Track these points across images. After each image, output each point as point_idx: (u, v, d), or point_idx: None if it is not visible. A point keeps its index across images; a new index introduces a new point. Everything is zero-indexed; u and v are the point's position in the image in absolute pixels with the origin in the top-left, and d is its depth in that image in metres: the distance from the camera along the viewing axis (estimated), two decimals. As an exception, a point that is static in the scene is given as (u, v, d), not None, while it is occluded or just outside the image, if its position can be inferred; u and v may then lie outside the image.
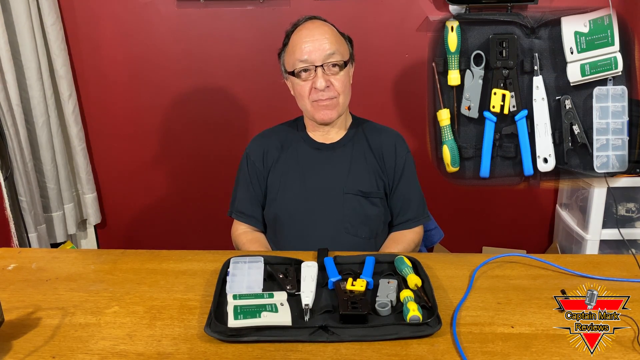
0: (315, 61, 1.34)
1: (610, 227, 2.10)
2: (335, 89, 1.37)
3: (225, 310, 1.01)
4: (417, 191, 1.50)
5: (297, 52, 1.35)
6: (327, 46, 1.34)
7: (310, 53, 1.34)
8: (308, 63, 1.35)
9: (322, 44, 1.34)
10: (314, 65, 1.34)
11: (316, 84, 1.35)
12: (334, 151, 1.45)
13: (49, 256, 1.31)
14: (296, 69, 1.36)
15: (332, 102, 1.37)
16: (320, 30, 1.36)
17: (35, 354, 0.92)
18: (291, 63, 1.38)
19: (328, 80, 1.35)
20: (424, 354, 0.91)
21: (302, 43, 1.35)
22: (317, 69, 1.34)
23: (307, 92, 1.37)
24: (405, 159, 1.48)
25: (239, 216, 1.50)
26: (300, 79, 1.37)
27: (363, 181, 1.43)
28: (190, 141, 2.41)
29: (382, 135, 1.49)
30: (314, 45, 1.34)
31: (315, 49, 1.34)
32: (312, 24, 1.38)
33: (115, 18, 2.25)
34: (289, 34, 1.41)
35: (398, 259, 1.16)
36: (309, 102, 1.38)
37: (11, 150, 2.03)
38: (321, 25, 1.38)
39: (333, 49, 1.35)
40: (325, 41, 1.34)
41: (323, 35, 1.35)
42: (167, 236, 2.54)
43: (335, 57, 1.35)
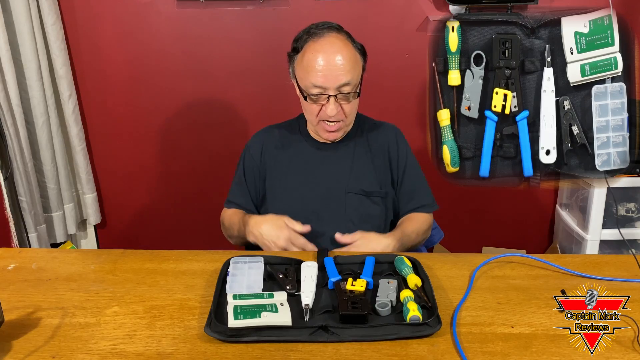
0: (329, 89, 1.31)
1: (610, 227, 2.10)
2: (343, 114, 1.36)
3: (225, 310, 1.01)
4: (423, 180, 1.52)
5: (311, 74, 1.31)
6: (343, 75, 1.30)
7: (326, 80, 1.30)
8: (322, 90, 1.31)
9: (338, 72, 1.30)
10: (327, 93, 1.32)
11: (326, 110, 1.33)
12: (336, 150, 1.46)
13: (49, 256, 1.31)
14: (309, 92, 1.33)
15: (339, 125, 1.38)
16: (339, 54, 1.30)
17: (35, 354, 0.92)
18: (304, 83, 1.34)
19: (338, 106, 1.34)
20: (424, 354, 0.90)
21: (318, 66, 1.30)
22: (330, 97, 1.32)
23: (316, 112, 1.36)
24: (406, 150, 1.50)
25: (229, 205, 1.53)
26: (311, 102, 1.35)
27: (365, 180, 1.44)
28: (190, 141, 2.41)
29: (381, 130, 1.50)
30: (331, 71, 1.29)
31: (331, 76, 1.29)
32: (331, 44, 1.31)
33: (115, 18, 2.25)
34: (302, 40, 1.35)
35: (398, 259, 1.17)
36: (316, 120, 1.38)
37: (11, 150, 2.03)
38: (341, 47, 1.31)
39: (348, 79, 1.31)
40: (341, 68, 1.30)
41: (340, 61, 1.30)
42: (167, 236, 2.54)
43: (348, 87, 1.32)
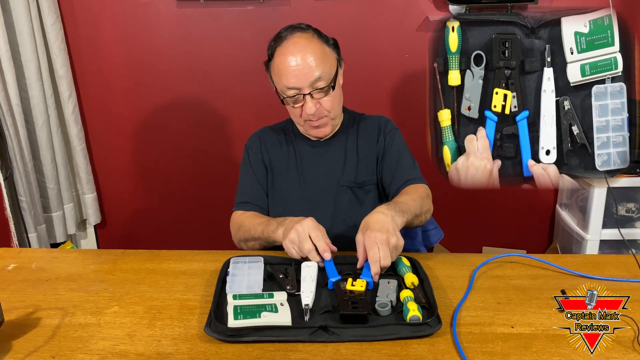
0: (303, 89, 1.33)
1: (610, 227, 2.10)
2: (324, 110, 1.37)
3: (225, 310, 1.01)
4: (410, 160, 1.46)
5: (283, 77, 1.33)
6: (313, 71, 1.31)
7: (297, 80, 1.32)
8: (296, 90, 1.33)
9: (307, 70, 1.31)
10: (302, 92, 1.33)
11: (305, 109, 1.35)
12: (329, 146, 1.48)
13: (48, 256, 1.31)
14: (285, 96, 1.36)
15: (323, 121, 1.39)
16: (304, 51, 1.32)
17: (35, 354, 0.92)
18: (279, 87, 1.37)
19: (317, 102, 1.35)
20: (424, 354, 0.90)
21: (288, 68, 1.32)
22: (305, 96, 1.33)
23: (299, 114, 1.38)
24: (393, 133, 1.47)
25: (244, 206, 1.45)
26: (290, 105, 1.38)
27: (357, 171, 1.46)
28: (190, 141, 2.41)
29: (370, 121, 1.51)
30: (300, 71, 1.31)
31: (302, 74, 1.31)
32: (295, 44, 1.33)
33: (115, 18, 2.25)
34: (271, 47, 1.38)
35: (398, 258, 1.16)
36: (301, 121, 1.40)
37: (11, 150, 2.03)
38: (305, 45, 1.32)
39: (319, 73, 1.31)
40: (310, 65, 1.31)
41: (308, 59, 1.31)
42: (167, 236, 2.54)
43: (322, 82, 1.33)
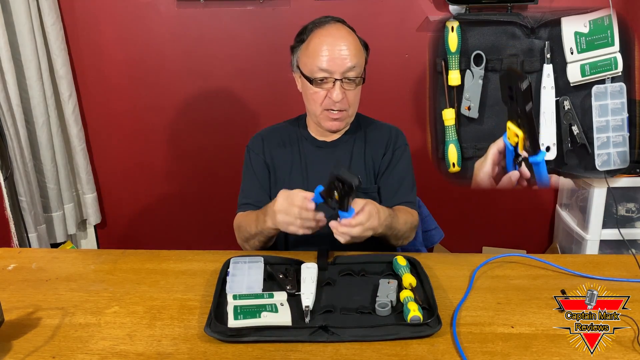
0: (335, 73, 1.31)
1: (610, 227, 2.10)
2: (347, 102, 1.36)
3: (225, 311, 1.01)
4: (410, 182, 1.48)
5: (317, 58, 1.32)
6: (348, 59, 1.31)
7: (332, 64, 1.30)
8: (328, 73, 1.31)
9: (344, 56, 1.31)
10: (333, 77, 1.32)
11: (332, 95, 1.33)
12: (335, 149, 1.46)
13: (49, 256, 1.31)
14: (315, 77, 1.33)
15: (342, 115, 1.37)
16: (345, 40, 1.32)
17: (35, 354, 0.92)
18: (309, 67, 1.34)
19: (344, 92, 1.33)
20: (424, 354, 0.91)
21: (325, 50, 1.31)
22: (336, 81, 1.32)
23: (321, 100, 1.35)
24: (403, 149, 1.47)
25: (246, 207, 1.45)
26: (317, 86, 1.35)
27: (362, 178, 1.43)
28: (190, 141, 2.41)
29: (381, 130, 1.49)
30: (337, 55, 1.30)
31: (338, 59, 1.30)
32: (337, 30, 1.34)
33: (115, 18, 2.25)
34: (308, 30, 1.37)
35: (395, 259, 1.16)
36: (319, 109, 1.37)
37: (11, 150, 2.03)
38: (346, 34, 1.34)
39: (354, 63, 1.32)
40: (348, 53, 1.31)
41: (347, 46, 1.31)
42: (167, 236, 2.54)
43: (355, 72, 1.33)
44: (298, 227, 1.16)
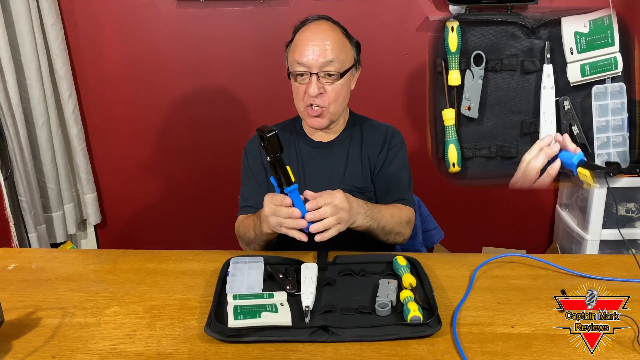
0: (312, 67, 1.32)
1: (610, 227, 2.10)
2: (327, 98, 1.35)
3: (225, 311, 1.01)
4: (407, 178, 1.48)
5: (296, 53, 1.34)
6: (327, 53, 1.31)
7: (309, 58, 1.32)
8: (305, 68, 1.33)
9: (322, 51, 1.31)
10: (309, 71, 1.33)
11: (309, 90, 1.34)
12: (332, 149, 1.46)
13: (49, 256, 1.31)
14: (293, 71, 1.36)
15: (322, 111, 1.37)
16: (324, 34, 1.33)
17: (35, 354, 0.92)
18: (291, 62, 1.37)
19: (322, 87, 1.34)
20: (424, 354, 0.91)
21: (303, 45, 1.33)
22: (312, 75, 1.33)
23: (301, 95, 1.37)
24: (398, 148, 1.47)
25: (246, 210, 1.47)
26: (296, 81, 1.37)
27: (358, 177, 1.45)
28: (190, 141, 2.41)
29: (378, 129, 1.49)
30: (314, 50, 1.32)
31: (314, 54, 1.31)
32: (317, 26, 1.36)
33: (115, 18, 2.25)
34: (295, 30, 1.39)
35: (395, 259, 1.16)
36: (302, 105, 1.39)
37: (11, 150, 2.03)
38: (326, 30, 1.35)
39: (332, 57, 1.32)
40: (326, 47, 1.32)
41: (325, 41, 1.32)
42: (167, 236, 2.54)
43: (333, 66, 1.33)
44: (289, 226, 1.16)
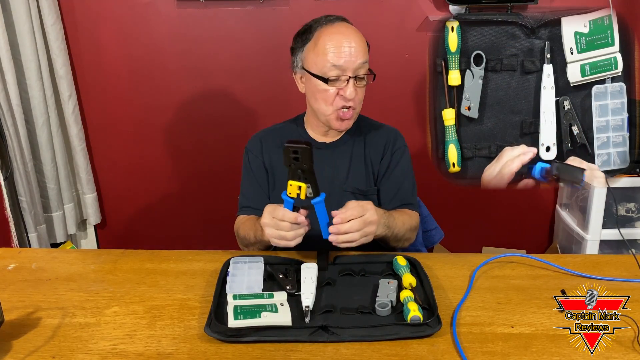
0: (348, 70, 1.29)
1: (610, 227, 2.10)
2: (356, 101, 1.34)
3: (225, 311, 1.01)
4: (411, 181, 1.48)
5: (330, 55, 1.29)
6: (359, 56, 1.30)
7: (346, 60, 1.29)
8: (341, 70, 1.29)
9: (356, 53, 1.29)
10: (346, 74, 1.30)
11: (345, 93, 1.30)
12: (334, 150, 1.45)
13: (49, 256, 1.31)
14: (328, 74, 1.30)
15: (352, 113, 1.35)
16: (354, 36, 1.32)
17: (35, 354, 0.92)
18: (320, 66, 1.31)
19: (355, 90, 1.32)
20: (424, 354, 0.91)
21: (336, 47, 1.29)
22: (349, 79, 1.30)
23: (332, 99, 1.32)
24: (402, 151, 1.47)
25: (246, 211, 1.45)
26: (328, 84, 1.31)
27: (361, 179, 1.43)
28: (190, 141, 2.41)
29: (380, 131, 1.48)
30: (348, 52, 1.29)
31: (350, 56, 1.29)
32: (346, 27, 1.34)
33: (115, 18, 2.25)
34: (312, 29, 1.35)
35: (395, 259, 1.17)
36: (330, 109, 1.34)
37: (11, 150, 2.03)
38: (353, 32, 1.34)
39: (365, 58, 1.32)
40: (358, 49, 1.30)
41: (357, 44, 1.31)
42: (167, 236, 2.54)
43: (364, 70, 1.32)
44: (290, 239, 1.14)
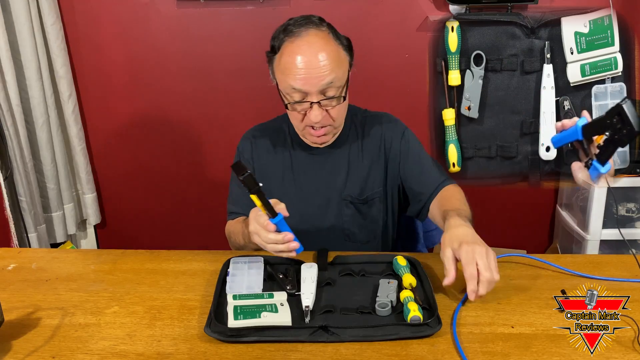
0: (311, 95, 1.18)
1: (610, 227, 2.10)
2: (329, 119, 1.23)
3: (225, 311, 1.01)
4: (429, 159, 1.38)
5: (290, 77, 1.17)
6: (325, 76, 1.16)
7: (306, 83, 1.16)
8: (302, 94, 1.19)
9: (319, 73, 1.16)
10: (309, 99, 1.19)
11: (310, 116, 1.20)
12: (330, 154, 1.36)
13: (49, 256, 1.31)
14: (289, 100, 1.21)
15: (326, 130, 1.26)
16: (321, 50, 1.17)
17: (35, 354, 0.92)
18: (283, 86, 1.21)
19: (323, 111, 1.21)
20: (424, 354, 0.91)
21: (297, 69, 1.16)
22: (312, 104, 1.18)
23: (300, 119, 1.24)
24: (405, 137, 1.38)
25: (234, 216, 1.40)
26: (292, 109, 1.23)
27: (362, 183, 1.36)
28: (190, 141, 2.41)
29: (374, 123, 1.38)
30: (311, 74, 1.16)
31: (312, 78, 1.16)
32: (309, 43, 1.18)
33: (115, 18, 2.25)
34: (279, 39, 1.23)
35: (395, 259, 1.17)
36: (301, 126, 1.27)
37: (11, 150, 2.03)
38: (322, 44, 1.18)
39: (331, 78, 1.17)
40: (323, 68, 1.16)
41: (321, 61, 1.16)
42: (167, 236, 2.54)
43: (333, 90, 1.19)
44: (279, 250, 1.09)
